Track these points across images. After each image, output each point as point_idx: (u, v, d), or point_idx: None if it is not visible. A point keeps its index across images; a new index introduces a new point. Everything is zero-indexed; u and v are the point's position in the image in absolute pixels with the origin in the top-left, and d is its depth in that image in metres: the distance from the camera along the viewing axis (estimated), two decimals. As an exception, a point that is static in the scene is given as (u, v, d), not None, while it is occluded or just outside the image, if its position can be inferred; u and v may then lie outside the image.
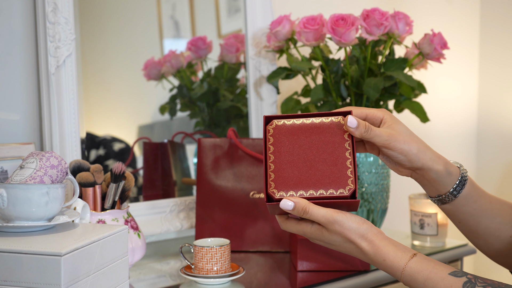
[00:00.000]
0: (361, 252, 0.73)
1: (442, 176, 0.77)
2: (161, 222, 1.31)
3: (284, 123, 0.76)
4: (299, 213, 0.72)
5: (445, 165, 0.77)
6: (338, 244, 0.74)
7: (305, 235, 0.76)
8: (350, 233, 0.72)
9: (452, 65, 1.96)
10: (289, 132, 0.75)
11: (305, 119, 0.76)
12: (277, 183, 0.74)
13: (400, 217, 1.78)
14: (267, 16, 1.48)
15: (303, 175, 0.74)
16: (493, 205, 0.81)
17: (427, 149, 0.77)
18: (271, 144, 0.75)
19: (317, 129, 0.76)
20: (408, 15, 1.31)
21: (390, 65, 1.30)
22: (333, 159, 0.74)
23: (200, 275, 0.98)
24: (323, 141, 0.75)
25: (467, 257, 1.41)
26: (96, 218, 0.99)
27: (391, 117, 0.77)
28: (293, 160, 0.74)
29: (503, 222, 0.81)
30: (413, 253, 0.72)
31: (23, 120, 1.16)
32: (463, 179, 0.78)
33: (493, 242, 0.82)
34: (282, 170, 0.74)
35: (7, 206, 0.76)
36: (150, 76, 1.41)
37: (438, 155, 0.78)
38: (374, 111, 0.77)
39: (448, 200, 0.79)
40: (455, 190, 0.78)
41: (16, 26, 1.15)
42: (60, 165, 0.84)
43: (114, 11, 1.38)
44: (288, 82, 1.62)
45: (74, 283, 0.69)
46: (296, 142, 0.75)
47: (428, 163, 0.76)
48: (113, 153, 1.31)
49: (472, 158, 2.35)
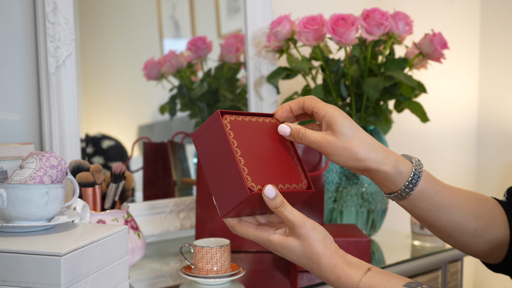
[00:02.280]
0: (318, 267, 0.71)
1: (390, 176, 0.75)
2: (161, 222, 1.31)
3: (235, 118, 0.72)
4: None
5: (394, 164, 0.75)
6: (298, 254, 0.71)
7: (263, 241, 0.72)
8: (314, 242, 0.70)
9: (452, 65, 1.96)
10: (243, 128, 0.72)
11: (251, 117, 0.74)
12: (252, 177, 0.69)
13: (400, 217, 1.78)
14: (267, 16, 1.48)
15: (267, 170, 0.71)
16: (452, 199, 0.79)
17: (371, 150, 0.73)
18: (233, 138, 0.70)
19: (264, 128, 0.74)
20: (408, 15, 1.31)
21: (390, 65, 1.30)
22: (282, 156, 0.74)
23: (200, 275, 0.98)
24: (269, 139, 0.74)
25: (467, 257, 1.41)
26: (96, 218, 0.99)
27: (332, 118, 0.73)
28: (255, 155, 0.71)
29: (465, 216, 0.80)
30: (367, 268, 0.70)
31: (23, 120, 1.16)
32: (416, 176, 0.76)
33: (457, 236, 0.81)
34: (250, 164, 0.70)
35: (7, 206, 0.76)
36: (150, 76, 1.41)
37: (387, 154, 0.75)
38: (318, 107, 0.74)
39: (400, 197, 0.77)
40: (407, 188, 0.76)
41: (16, 26, 1.15)
42: (60, 165, 0.84)
43: (114, 11, 1.38)
44: (288, 82, 1.62)
45: (74, 283, 0.69)
46: (251, 139, 0.72)
47: (372, 165, 0.74)
48: (101, 150, 1.30)
49: (472, 158, 2.35)
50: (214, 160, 0.71)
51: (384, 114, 1.35)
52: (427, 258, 1.25)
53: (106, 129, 1.32)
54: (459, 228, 0.80)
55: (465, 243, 0.83)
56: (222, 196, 0.70)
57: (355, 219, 1.35)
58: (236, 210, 0.70)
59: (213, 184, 0.71)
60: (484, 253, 0.84)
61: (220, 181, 0.70)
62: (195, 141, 0.73)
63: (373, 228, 1.38)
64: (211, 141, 0.71)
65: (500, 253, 0.83)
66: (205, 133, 0.72)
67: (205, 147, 0.72)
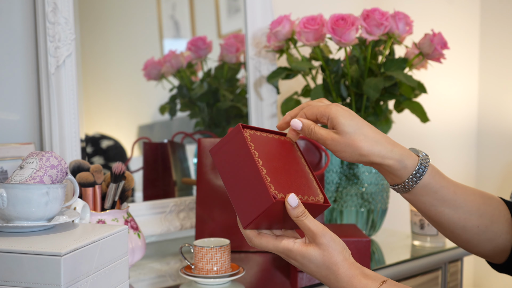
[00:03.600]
0: (335, 277, 0.72)
1: (395, 170, 0.77)
2: (161, 222, 1.31)
3: (254, 133, 0.75)
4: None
5: (399, 158, 0.76)
6: (317, 263, 0.72)
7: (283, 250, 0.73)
8: (334, 252, 0.71)
9: (452, 65, 1.96)
10: (262, 142, 0.75)
11: (267, 133, 0.78)
12: (275, 185, 0.71)
13: (400, 217, 1.78)
14: (267, 16, 1.48)
15: (286, 181, 0.74)
16: (457, 195, 0.80)
17: (374, 145, 0.75)
18: (254, 149, 0.72)
19: (279, 143, 0.78)
20: (408, 15, 1.31)
21: (390, 65, 1.30)
22: (299, 171, 0.77)
23: (200, 275, 0.98)
24: (286, 154, 0.77)
25: (467, 257, 1.41)
26: (96, 218, 0.99)
27: (334, 118, 0.76)
28: (274, 167, 0.73)
29: (469, 212, 0.80)
30: (382, 280, 0.72)
31: (23, 120, 1.16)
32: (421, 170, 0.77)
33: (459, 232, 0.82)
34: (271, 175, 0.72)
35: (7, 206, 0.76)
36: (150, 76, 1.41)
37: (392, 148, 0.76)
38: (321, 112, 0.77)
39: (404, 190, 0.79)
40: (411, 181, 0.77)
41: (16, 26, 1.15)
42: (60, 165, 0.84)
43: (114, 11, 1.38)
44: (288, 82, 1.62)
45: (74, 283, 0.69)
46: (269, 152, 0.74)
47: (376, 159, 0.76)
48: (100, 150, 1.30)
49: (472, 158, 2.35)
50: (235, 173, 0.72)
51: (384, 114, 1.35)
52: (427, 258, 1.25)
53: (106, 129, 1.32)
54: (461, 225, 0.81)
55: (468, 240, 0.83)
56: (244, 206, 0.71)
57: (355, 219, 1.35)
58: (257, 221, 0.71)
59: (234, 196, 0.72)
60: (488, 252, 0.84)
61: (242, 193, 0.71)
62: (215, 156, 0.74)
63: (373, 228, 1.38)
64: (232, 154, 0.73)
65: (504, 252, 0.83)
66: (226, 146, 0.74)
67: (226, 161, 0.73)
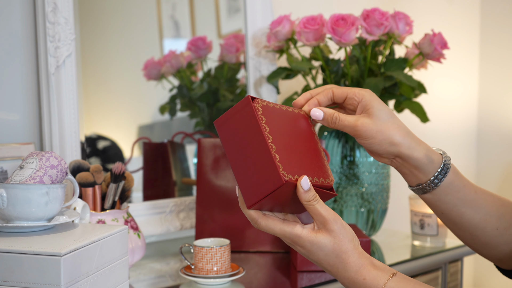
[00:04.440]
0: (344, 266, 0.68)
1: (422, 164, 0.74)
2: (161, 222, 1.31)
3: (267, 104, 0.69)
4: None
5: (426, 152, 0.74)
6: (326, 251, 0.68)
7: (290, 235, 0.68)
8: (345, 240, 0.68)
9: (452, 65, 1.96)
10: (274, 114, 0.68)
11: (280, 105, 0.71)
12: (284, 165, 0.64)
13: (400, 217, 1.78)
14: (267, 16, 1.48)
15: (298, 160, 0.67)
16: (478, 195, 0.78)
17: (406, 136, 0.73)
18: (265, 123, 0.66)
19: (293, 117, 0.71)
20: (408, 15, 1.31)
21: (390, 65, 1.30)
22: (311, 149, 0.71)
23: (200, 275, 0.98)
24: (299, 130, 0.71)
25: (467, 257, 1.41)
26: (96, 218, 0.99)
27: (369, 102, 0.72)
28: (286, 144, 0.67)
29: (489, 214, 0.78)
30: (392, 273, 0.69)
31: (23, 120, 1.16)
32: (446, 167, 0.75)
33: (478, 234, 0.80)
34: (282, 152, 0.65)
35: (7, 206, 0.76)
36: (150, 76, 1.41)
37: (419, 142, 0.74)
38: (354, 93, 0.73)
39: (429, 189, 0.76)
40: (436, 178, 0.75)
41: (16, 26, 1.15)
42: (60, 165, 0.84)
43: (114, 11, 1.38)
44: (288, 82, 1.62)
45: (74, 283, 0.69)
46: (281, 127, 0.68)
47: (406, 151, 0.73)
48: (96, 151, 1.30)
49: (472, 158, 2.35)
50: (242, 148, 0.66)
51: (384, 114, 1.35)
52: (427, 258, 1.25)
53: (106, 129, 1.32)
54: (482, 226, 0.79)
55: (486, 242, 0.81)
56: (250, 185, 0.65)
57: (355, 219, 1.35)
58: (262, 202, 0.66)
59: (239, 173, 0.66)
60: (503, 256, 0.82)
61: (248, 171, 0.66)
62: (219, 128, 0.69)
63: (373, 228, 1.38)
64: (239, 127, 0.67)
65: None
66: (233, 118, 0.68)
67: (232, 134, 0.67)
